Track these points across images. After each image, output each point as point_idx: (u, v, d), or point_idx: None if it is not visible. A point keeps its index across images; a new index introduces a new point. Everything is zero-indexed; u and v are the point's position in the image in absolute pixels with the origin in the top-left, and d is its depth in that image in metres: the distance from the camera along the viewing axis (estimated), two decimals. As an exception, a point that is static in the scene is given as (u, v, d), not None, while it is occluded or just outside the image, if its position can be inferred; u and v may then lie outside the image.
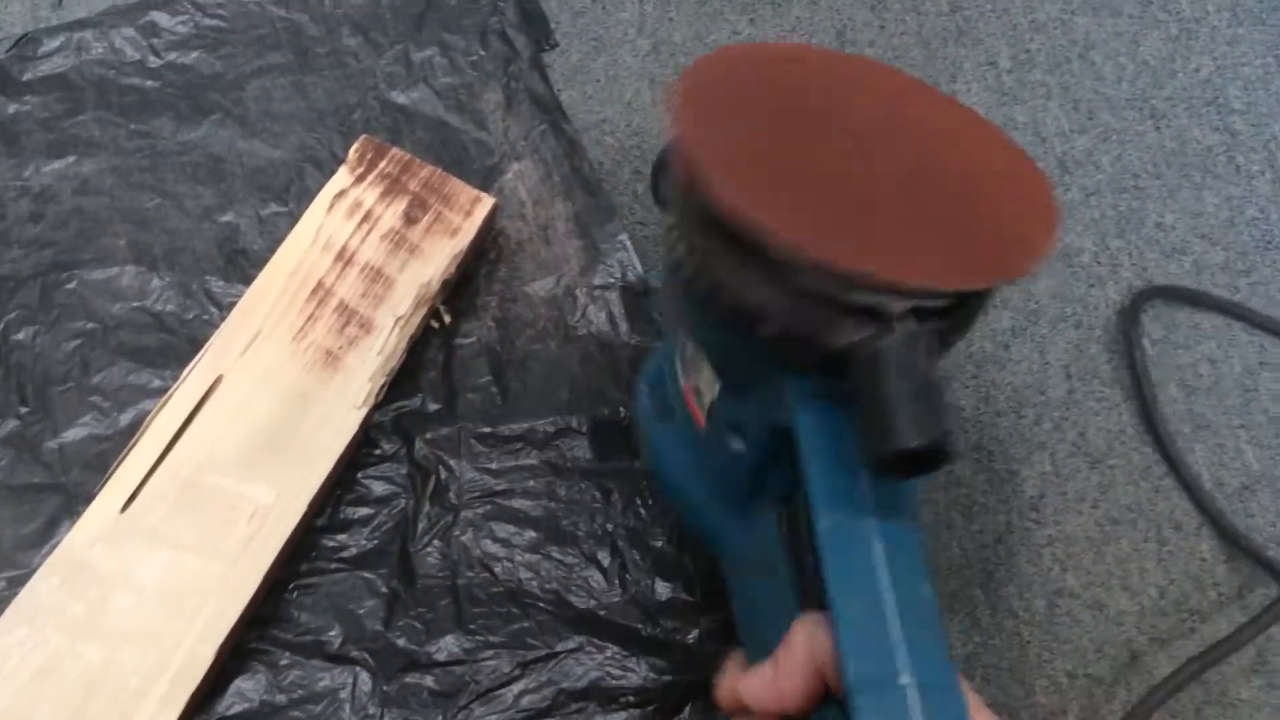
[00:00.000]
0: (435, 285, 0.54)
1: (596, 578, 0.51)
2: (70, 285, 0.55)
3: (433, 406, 0.54)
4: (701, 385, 0.42)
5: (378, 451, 0.53)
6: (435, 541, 0.51)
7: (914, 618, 0.33)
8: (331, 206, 0.55)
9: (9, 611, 0.45)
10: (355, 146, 0.57)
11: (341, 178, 0.56)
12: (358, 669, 0.48)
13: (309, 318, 0.53)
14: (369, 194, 0.56)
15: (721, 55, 0.40)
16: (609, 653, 0.50)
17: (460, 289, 0.57)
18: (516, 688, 0.49)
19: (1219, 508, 0.56)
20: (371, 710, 0.48)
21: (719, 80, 0.39)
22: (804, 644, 0.34)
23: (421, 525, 0.52)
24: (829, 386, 0.36)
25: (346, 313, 0.53)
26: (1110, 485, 0.57)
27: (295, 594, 0.50)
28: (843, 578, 0.33)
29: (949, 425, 0.32)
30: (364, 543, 0.51)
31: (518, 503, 0.53)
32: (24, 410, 0.52)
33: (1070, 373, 0.59)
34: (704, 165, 0.34)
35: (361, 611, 0.49)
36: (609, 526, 0.52)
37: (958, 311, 0.35)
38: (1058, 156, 0.65)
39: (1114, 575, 0.55)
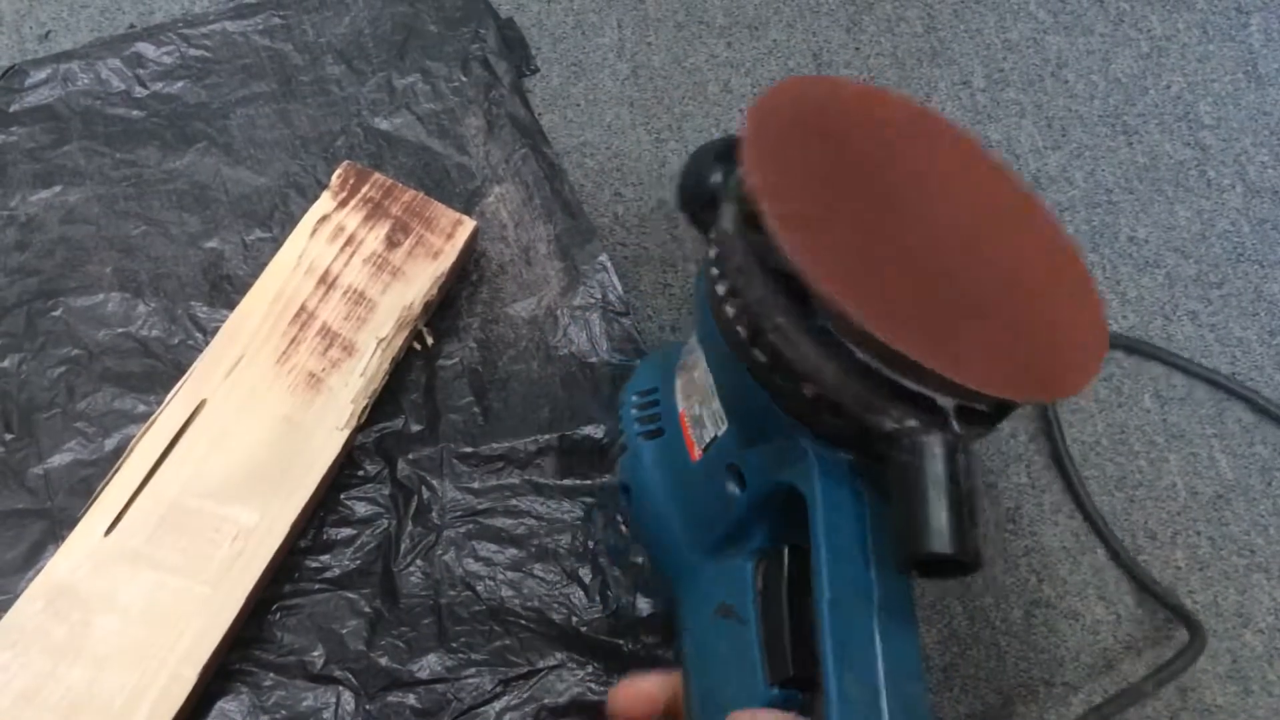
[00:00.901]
0: (417, 307, 0.55)
1: (578, 595, 0.52)
2: (56, 312, 0.55)
3: (415, 427, 0.55)
4: (705, 417, 0.41)
5: (360, 472, 0.54)
6: (418, 561, 0.52)
7: (903, 712, 0.32)
8: (314, 231, 0.56)
9: (-7, 636, 0.46)
10: (338, 172, 0.58)
11: (324, 203, 0.57)
12: (340, 688, 0.49)
13: (292, 341, 0.53)
14: (351, 218, 0.57)
15: (794, 87, 0.38)
16: (590, 669, 0.50)
17: (442, 311, 0.58)
18: (498, 705, 0.49)
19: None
20: (355, 729, 0.48)
21: (789, 116, 0.37)
22: None
23: (404, 545, 0.52)
24: (846, 457, 0.35)
25: (329, 335, 0.54)
26: (1085, 496, 0.57)
27: (278, 615, 0.50)
28: (841, 660, 0.33)
29: (981, 535, 0.32)
30: (347, 563, 0.51)
31: (500, 521, 0.53)
32: (9, 437, 0.52)
33: (1046, 386, 0.60)
34: (773, 213, 0.33)
35: (344, 631, 0.50)
36: (590, 544, 0.53)
37: (999, 416, 0.34)
38: (1031, 173, 0.66)
39: (1090, 585, 0.55)
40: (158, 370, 0.55)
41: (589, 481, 0.54)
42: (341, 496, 0.53)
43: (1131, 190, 0.66)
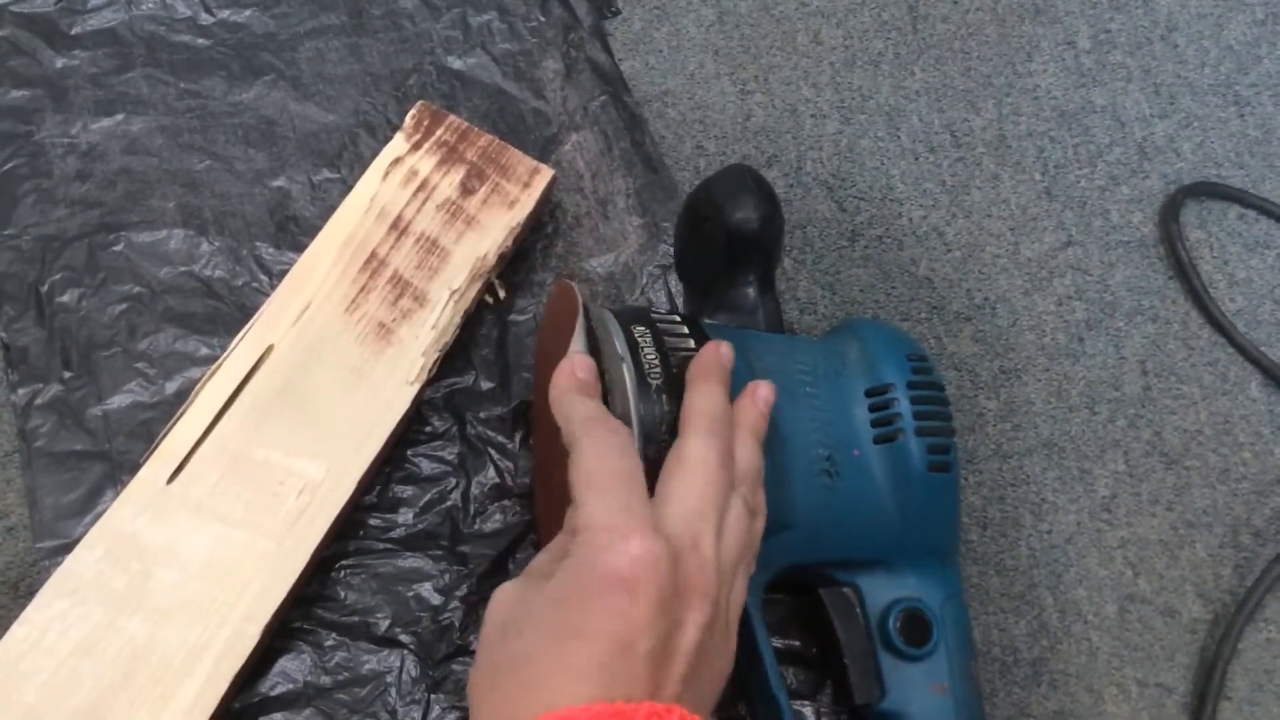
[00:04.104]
0: (491, 259, 0.52)
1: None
2: (117, 247, 0.53)
3: (485, 385, 0.53)
4: None
5: (428, 429, 0.51)
6: (487, 523, 0.50)
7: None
8: (386, 174, 0.53)
9: (50, 583, 0.44)
10: (412, 112, 0.55)
11: (397, 144, 0.54)
12: (405, 652, 0.47)
13: (362, 289, 0.51)
14: (425, 162, 0.54)
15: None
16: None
17: (516, 263, 0.55)
18: (568, 678, 0.47)
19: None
20: (418, 695, 0.46)
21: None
22: None
23: (473, 506, 0.50)
24: None
25: (400, 284, 0.51)
26: (1186, 487, 0.54)
27: (342, 573, 0.48)
28: None
29: None
30: (413, 522, 0.49)
31: (571, 486, 0.51)
32: (68, 375, 0.50)
33: (1146, 369, 0.57)
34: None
35: (410, 594, 0.48)
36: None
37: None
38: (1137, 142, 0.62)
39: (1188, 581, 0.52)
40: (221, 312, 0.52)
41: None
42: (408, 453, 0.51)
43: (1242, 165, 0.62)
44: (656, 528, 0.33)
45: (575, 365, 0.39)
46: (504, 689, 0.32)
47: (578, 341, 0.39)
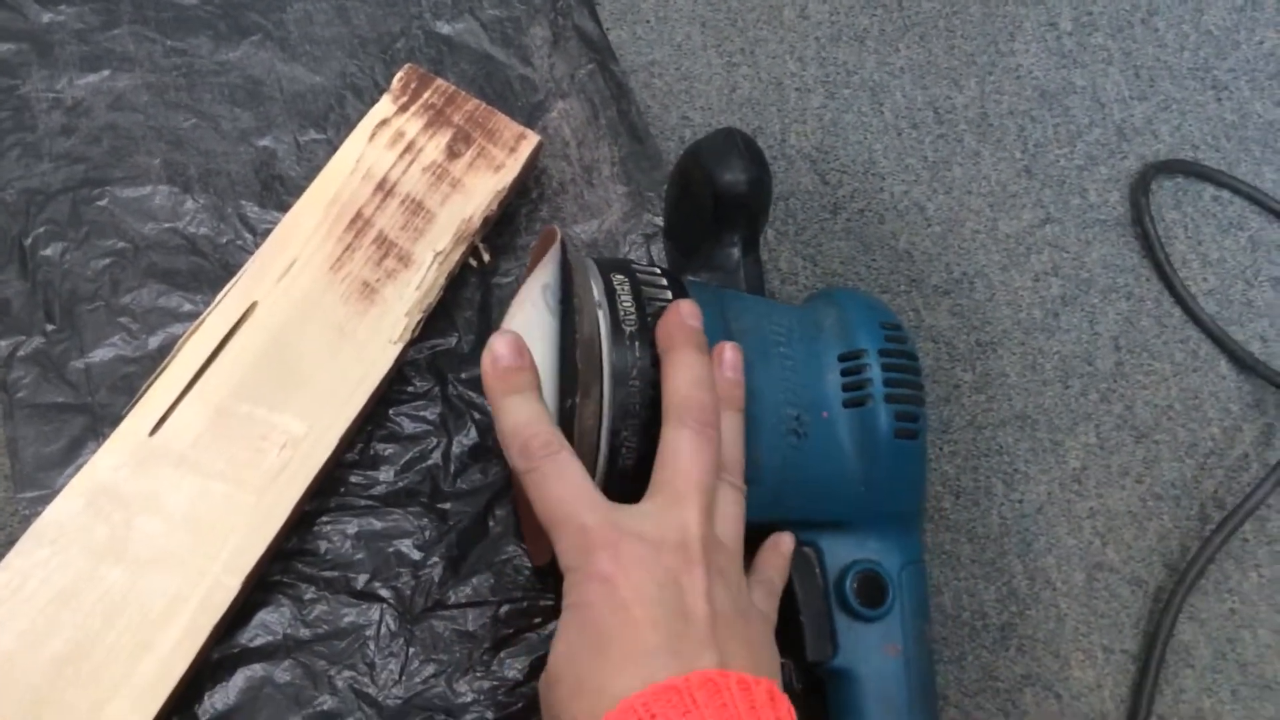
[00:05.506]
0: (476, 222, 0.53)
1: (629, 528, 0.50)
2: (101, 202, 0.53)
3: (468, 346, 0.53)
4: None
5: (410, 389, 0.52)
6: (466, 482, 0.50)
7: None
8: (373, 135, 0.54)
9: (30, 532, 0.44)
10: (399, 75, 0.55)
11: (384, 106, 0.54)
12: (384, 606, 0.47)
13: (347, 248, 0.51)
14: (412, 124, 0.54)
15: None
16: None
17: (500, 227, 0.56)
18: (546, 630, 0.48)
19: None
20: (396, 649, 0.47)
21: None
22: None
23: (453, 465, 0.50)
24: None
25: (385, 245, 0.51)
26: (1155, 461, 0.55)
27: (323, 528, 0.48)
28: None
29: None
30: (394, 480, 0.50)
31: (552, 448, 0.51)
32: (50, 328, 0.50)
33: (1119, 345, 0.58)
34: None
35: (390, 549, 0.48)
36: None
37: None
38: (1116, 123, 0.63)
39: (1155, 551, 0.53)
40: (204, 269, 0.53)
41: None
42: (390, 412, 0.51)
43: (1218, 148, 0.63)
44: (622, 530, 0.35)
45: (496, 353, 0.39)
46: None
47: (548, 270, 0.39)
